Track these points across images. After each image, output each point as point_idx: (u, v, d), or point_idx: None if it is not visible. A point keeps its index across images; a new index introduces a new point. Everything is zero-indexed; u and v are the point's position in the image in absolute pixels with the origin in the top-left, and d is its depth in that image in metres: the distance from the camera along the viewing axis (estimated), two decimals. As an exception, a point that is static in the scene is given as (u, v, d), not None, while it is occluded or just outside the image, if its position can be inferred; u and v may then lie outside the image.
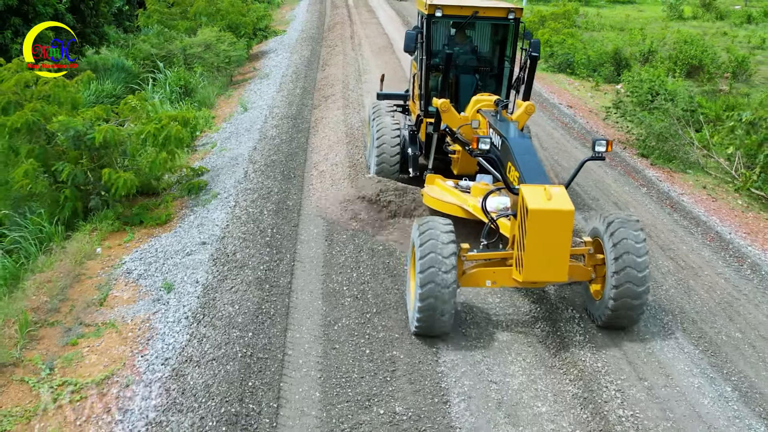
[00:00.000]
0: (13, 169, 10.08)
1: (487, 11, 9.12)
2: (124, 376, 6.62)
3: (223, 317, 7.16)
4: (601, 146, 6.91)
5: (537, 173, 6.67)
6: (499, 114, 8.32)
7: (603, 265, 6.92)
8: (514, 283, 6.65)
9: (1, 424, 6.23)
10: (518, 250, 6.45)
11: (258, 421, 5.61)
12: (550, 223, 6.15)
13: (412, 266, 7.00)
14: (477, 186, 8.65)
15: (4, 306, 8.25)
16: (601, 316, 6.92)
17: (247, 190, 10.67)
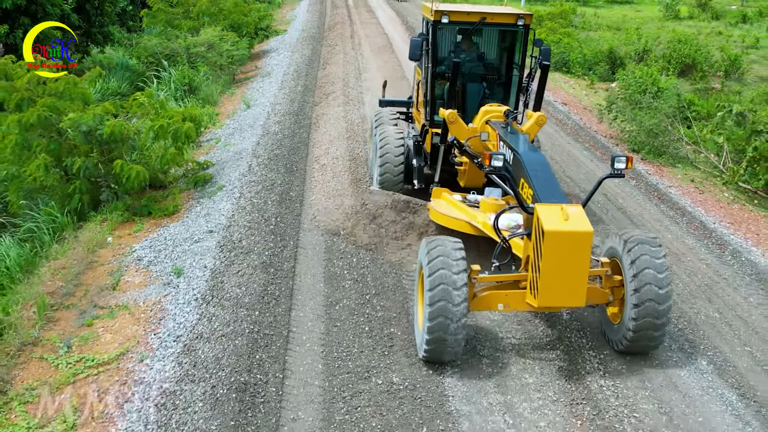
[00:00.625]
0: (27, 163, 10.53)
1: (495, 17, 8.86)
2: (138, 352, 7.06)
3: (231, 298, 7.61)
4: (621, 163, 6.53)
5: (552, 191, 6.35)
6: (510, 126, 7.99)
7: (621, 287, 6.57)
8: (529, 307, 6.30)
9: (24, 397, 6.66)
10: (533, 273, 6.10)
11: (265, 390, 6.05)
12: (568, 246, 5.82)
13: (420, 288, 6.62)
14: (486, 201, 8.24)
15: (23, 290, 8.71)
16: (621, 340, 6.55)
17: (251, 182, 11.11)
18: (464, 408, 5.93)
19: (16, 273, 9.59)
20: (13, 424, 6.22)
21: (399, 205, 9.17)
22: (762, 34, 31.78)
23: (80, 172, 10.39)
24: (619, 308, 6.70)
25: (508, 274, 6.60)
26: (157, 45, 20.22)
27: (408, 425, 5.68)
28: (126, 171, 10.13)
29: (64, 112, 10.78)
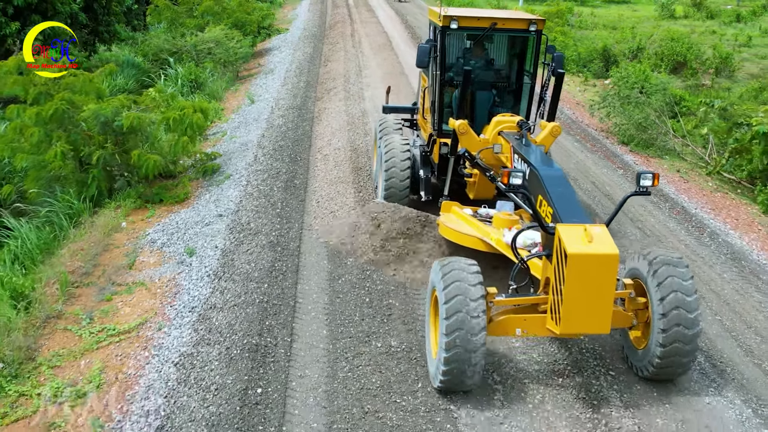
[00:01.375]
0: (47, 151, 11.12)
1: (506, 23, 8.51)
2: (156, 322, 7.65)
3: (241, 273, 8.20)
4: (647, 180, 6.26)
5: (573, 210, 5.99)
6: (525, 138, 7.59)
7: (645, 309, 6.22)
8: (549, 333, 5.94)
9: (52, 362, 7.24)
10: (554, 296, 5.74)
11: (275, 351, 6.65)
12: (592, 269, 5.48)
13: (433, 313, 6.35)
14: (499, 216, 7.82)
15: (44, 269, 9.31)
16: (647, 366, 6.20)
17: (257, 171, 11.70)
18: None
19: (37, 255, 10.19)
20: (42, 385, 6.80)
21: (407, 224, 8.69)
22: (755, 33, 32.37)
23: (99, 161, 10.97)
24: (642, 332, 6.37)
25: (527, 297, 6.21)
26: (164, 42, 20.80)
27: (405, 381, 6.27)
28: (143, 160, 10.72)
29: (79, 106, 11.39)
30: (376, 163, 10.26)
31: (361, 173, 11.29)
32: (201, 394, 6.08)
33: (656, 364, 6.06)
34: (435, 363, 5.99)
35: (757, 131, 11.34)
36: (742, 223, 10.61)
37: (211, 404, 5.92)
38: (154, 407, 6.05)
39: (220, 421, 5.69)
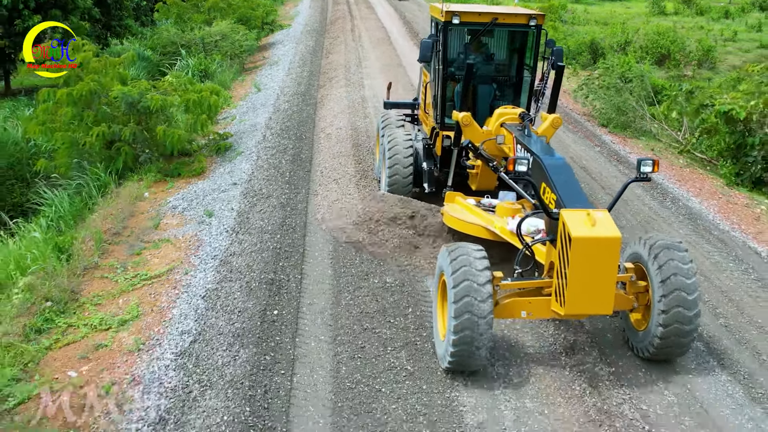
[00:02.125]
0: (78, 130, 12.29)
1: (506, 18, 8.73)
2: (182, 268, 8.81)
3: (256, 228, 9.38)
4: (648, 166, 6.52)
5: (576, 196, 6.20)
6: (527, 128, 7.82)
7: (645, 292, 6.46)
8: (554, 315, 6.16)
9: (94, 300, 8.40)
10: (559, 280, 5.95)
11: (288, 285, 7.83)
12: (596, 252, 5.70)
13: (440, 298, 6.60)
14: (502, 205, 8.07)
15: (80, 230, 10.48)
16: (648, 347, 6.43)
17: (266, 147, 12.87)
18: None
19: (69, 220, 11.37)
20: (88, 318, 7.95)
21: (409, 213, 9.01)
22: (741, 28, 33.56)
23: (128, 138, 12.15)
24: (643, 314, 6.58)
25: (531, 281, 6.45)
26: (174, 35, 21.97)
27: (397, 307, 7.45)
28: (169, 135, 11.90)
29: (106, 88, 12.56)
30: (379, 157, 10.60)
31: (360, 149, 12.46)
32: (227, 316, 7.26)
33: (657, 345, 6.26)
34: (443, 345, 6.24)
35: (718, 111, 12.49)
36: (704, 192, 11.78)
37: (235, 322, 7.10)
38: (187, 328, 7.22)
39: (244, 333, 6.87)
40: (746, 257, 9.09)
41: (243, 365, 6.36)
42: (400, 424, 5.71)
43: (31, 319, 7.88)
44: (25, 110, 17.37)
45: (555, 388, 6.27)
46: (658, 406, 6.07)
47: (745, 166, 12.93)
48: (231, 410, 5.77)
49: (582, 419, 5.85)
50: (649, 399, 6.16)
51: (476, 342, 5.91)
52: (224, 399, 5.92)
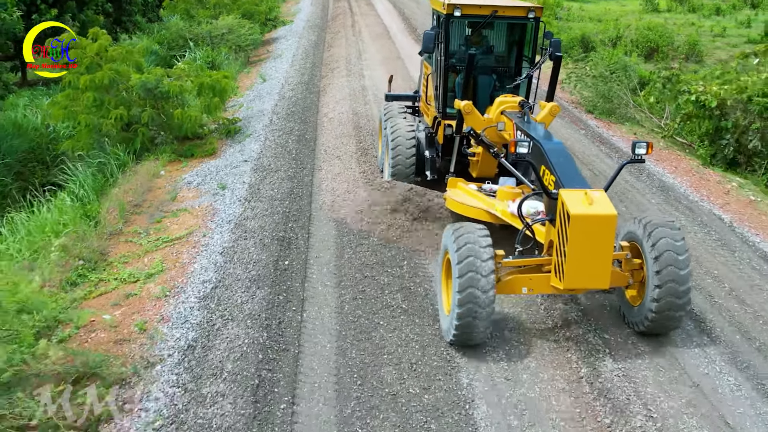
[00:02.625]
0: (99, 114, 13.24)
1: (506, 10, 8.94)
2: (200, 232, 9.75)
3: (266, 196, 10.33)
4: (642, 148, 6.81)
5: (574, 177, 6.53)
6: (526, 116, 8.11)
7: (640, 269, 6.80)
8: (553, 290, 6.50)
9: (121, 260, 9.34)
10: (558, 257, 6.26)
11: (296, 242, 8.79)
12: (593, 229, 6.01)
13: (444, 274, 6.92)
14: (503, 190, 8.41)
15: (104, 201, 11.43)
16: (643, 321, 6.78)
17: (274, 130, 13.83)
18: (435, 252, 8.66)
19: (92, 195, 12.31)
20: (117, 273, 8.89)
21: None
22: (730, 24, 34.50)
23: (147, 121, 13.10)
24: (638, 291, 6.91)
25: (532, 259, 6.78)
26: (183, 29, 22.92)
27: (395, 260, 8.41)
28: (186, 117, 12.86)
29: (124, 75, 13.51)
30: (382, 146, 11.03)
31: (361, 131, 13.41)
32: (243, 266, 8.22)
33: (651, 318, 6.61)
34: (448, 319, 6.60)
35: (689, 99, 13.46)
36: (680, 170, 12.73)
37: (251, 271, 8.05)
38: (208, 278, 8.17)
39: (259, 278, 7.83)
40: (710, 222, 10.05)
41: (260, 302, 7.32)
42: (396, 348, 6.67)
43: (66, 275, 8.83)
44: (43, 99, 18.28)
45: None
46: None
47: (719, 148, 13.89)
48: (251, 336, 6.72)
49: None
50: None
51: (479, 316, 6.21)
52: (244, 328, 6.88)
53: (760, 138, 13.48)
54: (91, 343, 7.23)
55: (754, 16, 37.33)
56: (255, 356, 6.41)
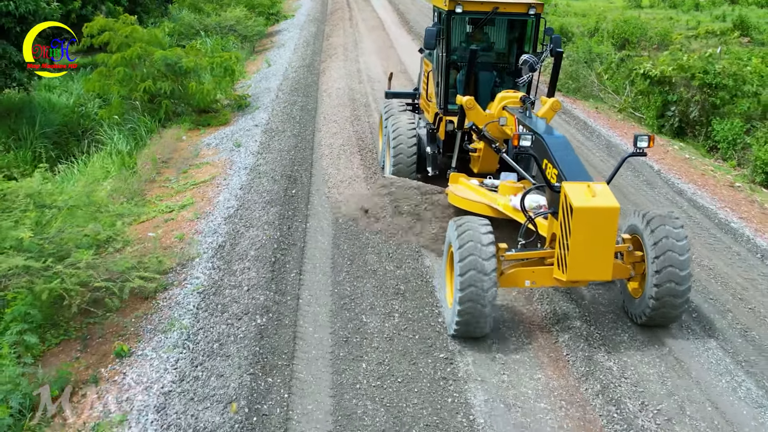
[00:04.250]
0: (129, 86, 15.36)
1: (507, 7, 8.99)
2: (222, 176, 11.85)
3: (276, 149, 12.46)
4: (644, 141, 6.82)
5: (577, 170, 6.55)
6: (528, 111, 8.13)
7: (642, 262, 6.82)
8: (556, 282, 6.52)
9: (156, 198, 11.44)
10: (561, 249, 6.27)
11: (301, 179, 10.94)
12: (595, 221, 6.04)
13: (448, 267, 6.95)
14: (505, 184, 8.44)
15: (137, 157, 13.55)
16: (641, 314, 6.83)
17: (279, 102, 15.95)
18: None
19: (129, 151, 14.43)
20: (155, 206, 10.99)
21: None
22: (707, 19, 36.67)
23: (168, 91, 15.22)
24: (639, 283, 6.92)
25: (535, 252, 6.80)
26: (194, 20, 25.05)
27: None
28: (199, 89, 14.99)
29: (149, 52, 15.63)
30: (383, 143, 11.15)
31: (355, 102, 15.53)
32: (259, 195, 10.34)
33: (649, 313, 6.71)
34: (451, 313, 6.66)
35: (637, 72, 15.61)
36: (628, 135, 14.84)
37: (266, 197, 10.19)
38: (231, 204, 10.27)
39: (272, 201, 9.97)
40: (642, 169, 12.18)
41: (273, 215, 9.47)
42: (377, 243, 8.78)
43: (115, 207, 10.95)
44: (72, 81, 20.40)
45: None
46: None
47: (667, 119, 16.02)
48: (268, 234, 8.86)
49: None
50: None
51: (481, 311, 6.26)
52: (262, 230, 9.02)
53: (700, 109, 15.61)
54: (142, 251, 9.34)
55: (731, 11, 39.46)
56: (271, 246, 8.55)
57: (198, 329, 6.92)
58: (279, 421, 5.54)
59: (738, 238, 9.48)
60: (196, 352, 6.53)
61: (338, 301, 7.46)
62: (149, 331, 7.09)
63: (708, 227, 9.82)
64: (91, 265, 6.76)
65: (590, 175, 6.63)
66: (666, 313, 6.69)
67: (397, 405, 5.78)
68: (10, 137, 15.80)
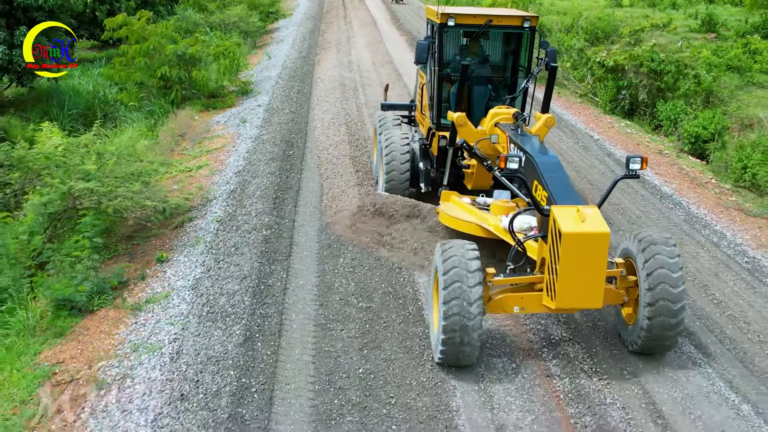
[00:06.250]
0: (147, 73, 17.65)
1: (501, 20, 8.87)
2: (231, 144, 14.13)
3: (276, 123, 14.77)
4: (636, 164, 6.68)
5: (567, 193, 6.37)
6: (520, 128, 7.89)
7: (636, 287, 6.57)
8: (546, 309, 6.30)
9: (177, 162, 13.71)
10: (550, 275, 6.09)
11: (297, 143, 13.23)
12: (585, 247, 5.85)
13: (435, 292, 6.68)
14: (496, 203, 8.23)
15: (156, 133, 15.85)
16: (636, 340, 6.59)
17: (279, 87, 18.25)
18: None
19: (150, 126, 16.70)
20: (176, 167, 13.24)
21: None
22: (681, 16, 38.98)
23: (176, 78, 17.51)
24: (633, 309, 6.70)
25: (524, 277, 6.59)
26: (200, 18, 27.36)
27: (370, 154, 12.80)
28: (200, 75, 17.31)
29: (162, 44, 17.93)
30: (377, 157, 10.77)
31: (345, 88, 17.82)
32: (263, 155, 12.64)
33: (643, 337, 6.44)
34: (436, 336, 6.39)
35: (594, 60, 17.90)
36: (582, 114, 17.16)
37: (269, 156, 12.50)
38: (240, 163, 12.54)
39: (274, 158, 12.29)
40: (583, 138, 14.49)
41: (275, 169, 11.79)
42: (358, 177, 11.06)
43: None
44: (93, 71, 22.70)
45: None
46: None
47: (618, 102, 18.32)
48: (271, 181, 11.21)
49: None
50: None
51: (465, 341, 6.05)
52: (266, 179, 11.34)
53: (647, 92, 17.91)
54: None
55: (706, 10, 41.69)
56: (274, 189, 10.87)
57: (219, 241, 9.22)
58: (279, 289, 7.85)
59: (647, 185, 11.80)
60: (218, 254, 8.83)
61: (323, 223, 9.77)
62: (180, 246, 9.37)
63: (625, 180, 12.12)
64: (140, 191, 9.05)
65: (581, 199, 6.55)
66: (660, 337, 6.45)
67: (363, 281, 8.07)
68: (43, 118, 18.06)
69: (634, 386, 6.43)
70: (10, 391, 6.77)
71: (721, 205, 11.19)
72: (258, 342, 6.85)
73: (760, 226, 10.36)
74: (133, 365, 6.77)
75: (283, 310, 7.44)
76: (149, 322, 7.52)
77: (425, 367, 6.51)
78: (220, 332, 7.02)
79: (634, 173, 6.77)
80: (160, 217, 9.35)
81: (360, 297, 7.77)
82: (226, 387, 6.13)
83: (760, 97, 16.52)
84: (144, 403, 6.13)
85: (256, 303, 7.54)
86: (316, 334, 6.99)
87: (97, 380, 6.65)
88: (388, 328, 7.14)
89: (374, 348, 6.78)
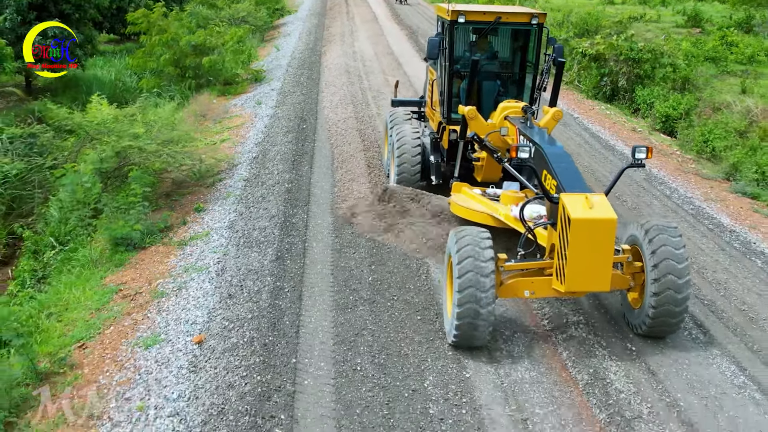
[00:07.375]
0: (168, 62, 19.31)
1: (509, 17, 9.15)
2: (249, 122, 15.76)
3: (289, 103, 16.44)
4: (642, 153, 6.88)
5: (576, 181, 6.60)
6: (529, 121, 8.22)
7: (641, 273, 6.84)
8: (555, 293, 6.57)
9: (203, 135, 15.36)
10: (559, 260, 6.33)
11: (309, 120, 14.91)
12: (593, 232, 6.11)
13: (449, 277, 6.88)
14: (506, 194, 8.49)
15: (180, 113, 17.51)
16: (641, 324, 6.88)
17: (289, 75, 19.93)
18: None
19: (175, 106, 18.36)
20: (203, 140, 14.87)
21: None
22: (669, 13, 40.62)
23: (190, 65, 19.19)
24: (639, 293, 6.95)
25: (534, 262, 6.84)
26: (210, 13, 29.01)
27: (366, 121, 14.47)
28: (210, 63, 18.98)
29: (179, 35, 19.60)
30: (388, 151, 11.22)
31: (350, 73, 19.49)
32: (279, 129, 14.32)
33: (648, 324, 6.76)
34: (450, 321, 6.69)
35: (578, 50, 19.58)
36: (567, 100, 18.80)
37: (284, 129, 14.17)
38: (259, 136, 14.19)
39: (289, 131, 13.95)
40: (565, 118, 16.09)
41: (290, 141, 13.45)
42: (367, 145, 12.71)
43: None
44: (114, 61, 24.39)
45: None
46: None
47: (600, 89, 19.99)
48: (288, 148, 12.87)
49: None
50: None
51: (479, 323, 6.36)
52: (284, 147, 13.01)
53: (626, 79, 19.58)
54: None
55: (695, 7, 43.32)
56: (291, 155, 12.56)
57: (247, 194, 10.90)
58: (302, 225, 9.58)
59: (615, 153, 13.48)
60: (248, 203, 10.51)
61: (335, 180, 11.46)
62: (214, 199, 11.04)
63: (598, 148, 13.82)
64: (180, 152, 10.73)
65: (589, 187, 6.78)
66: (665, 323, 6.76)
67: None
68: (74, 102, 19.73)
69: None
70: (87, 303, 8.44)
71: (680, 170, 12.87)
72: (287, 260, 8.54)
73: (712, 186, 12.03)
74: (185, 281, 8.43)
75: (306, 239, 9.14)
76: (195, 252, 9.19)
77: (421, 277, 8.19)
78: (256, 254, 8.70)
79: (639, 162, 7.03)
80: (195, 176, 11.01)
81: (368, 232, 9.45)
82: (265, 287, 7.81)
83: (732, 84, 18.18)
84: (199, 303, 7.79)
85: (283, 234, 9.23)
86: (334, 255, 8.69)
87: (157, 292, 8.32)
88: (392, 252, 8.81)
89: (380, 264, 8.49)
